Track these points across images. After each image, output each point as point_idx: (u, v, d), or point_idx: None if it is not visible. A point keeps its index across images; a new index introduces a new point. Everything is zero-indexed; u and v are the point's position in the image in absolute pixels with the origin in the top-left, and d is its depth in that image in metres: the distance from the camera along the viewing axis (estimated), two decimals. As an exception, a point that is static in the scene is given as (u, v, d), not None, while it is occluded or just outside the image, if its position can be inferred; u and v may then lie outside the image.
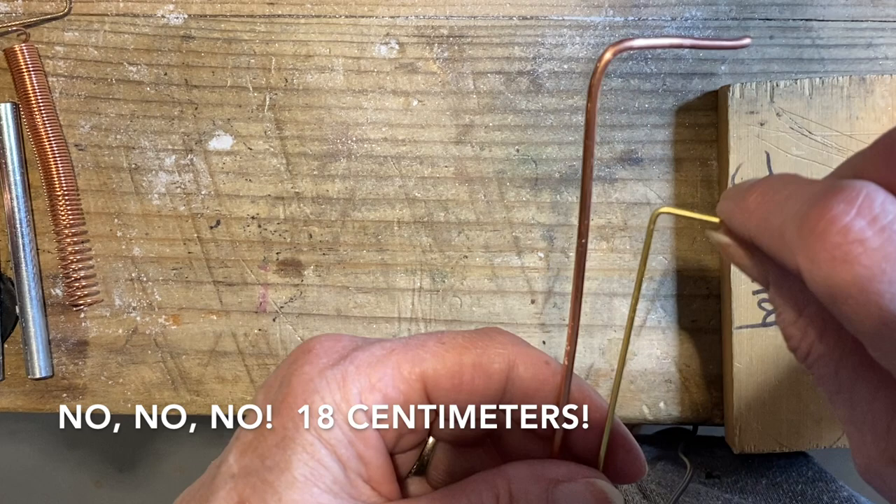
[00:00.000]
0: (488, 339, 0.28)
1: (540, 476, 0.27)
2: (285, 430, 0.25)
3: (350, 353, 0.26)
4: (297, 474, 0.25)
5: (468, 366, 0.27)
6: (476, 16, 0.44)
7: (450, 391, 0.27)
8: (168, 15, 0.45)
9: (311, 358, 0.26)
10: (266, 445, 0.25)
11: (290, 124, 0.45)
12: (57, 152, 0.44)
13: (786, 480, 0.44)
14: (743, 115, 0.41)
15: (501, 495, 0.26)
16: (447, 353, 0.27)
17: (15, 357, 0.46)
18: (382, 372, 0.26)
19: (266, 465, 0.25)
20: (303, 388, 0.25)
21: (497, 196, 0.45)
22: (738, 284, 0.42)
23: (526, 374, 0.27)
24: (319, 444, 0.25)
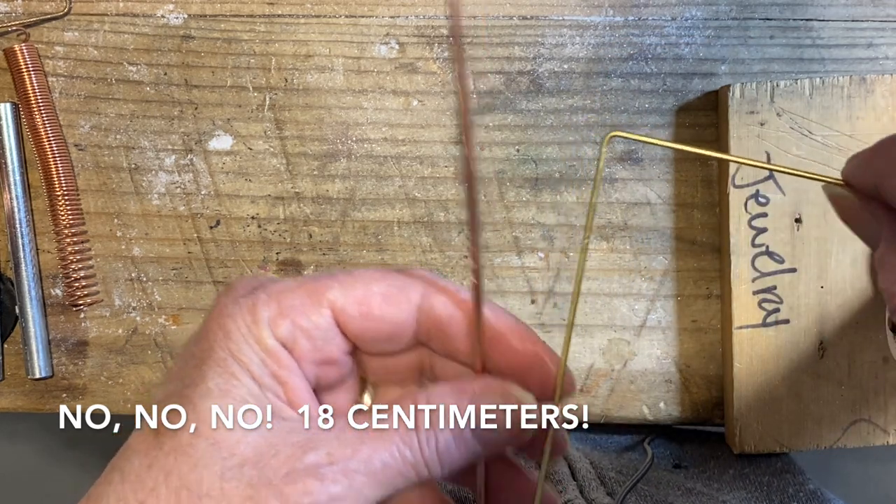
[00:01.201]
0: (399, 272, 0.29)
1: (459, 391, 0.28)
2: (202, 352, 0.26)
3: (263, 284, 0.28)
4: (211, 385, 0.26)
5: (377, 294, 0.28)
6: (476, 16, 0.44)
7: (359, 319, 0.28)
8: (168, 15, 0.45)
9: (228, 291, 0.28)
10: (185, 370, 0.27)
11: (290, 124, 0.45)
12: (57, 152, 0.44)
13: (753, 471, 0.44)
14: (743, 115, 0.41)
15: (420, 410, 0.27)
16: (356, 283, 0.28)
17: (15, 357, 0.46)
18: (291, 299, 0.27)
19: (184, 384, 0.26)
20: (217, 314, 0.27)
21: (497, 196, 0.45)
22: (738, 284, 0.41)
23: (437, 304, 0.28)
24: (231, 360, 0.26)
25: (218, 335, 0.27)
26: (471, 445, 0.28)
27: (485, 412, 0.28)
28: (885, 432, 0.42)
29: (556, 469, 0.40)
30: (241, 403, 0.26)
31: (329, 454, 0.26)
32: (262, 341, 0.27)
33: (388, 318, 0.28)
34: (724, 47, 0.44)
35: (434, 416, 0.27)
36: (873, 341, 0.42)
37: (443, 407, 0.27)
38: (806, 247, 0.41)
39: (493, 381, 0.29)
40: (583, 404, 0.45)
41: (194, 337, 0.28)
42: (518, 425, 0.28)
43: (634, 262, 0.45)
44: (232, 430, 0.25)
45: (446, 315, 0.29)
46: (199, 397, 0.26)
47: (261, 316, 0.27)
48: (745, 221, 0.41)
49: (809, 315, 0.42)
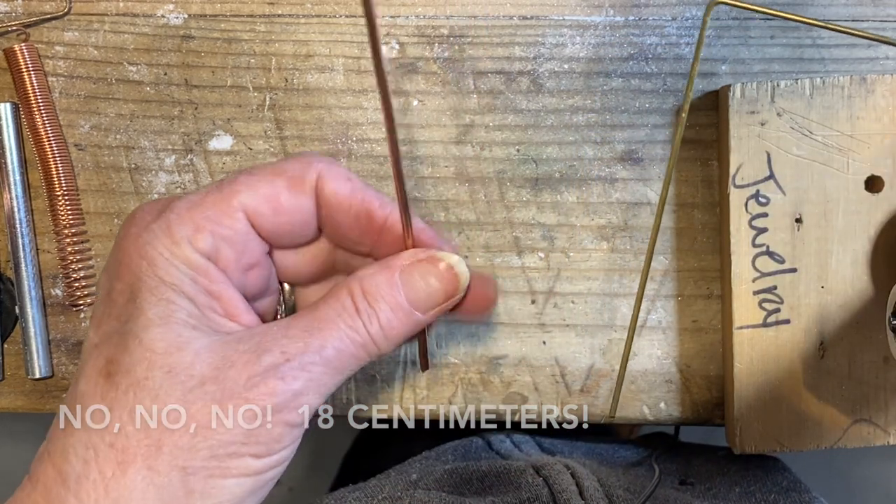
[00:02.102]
0: (295, 160, 0.29)
1: (385, 267, 0.29)
2: (129, 286, 0.26)
3: (168, 205, 0.28)
4: (151, 315, 0.26)
5: (282, 188, 0.29)
6: (476, 16, 0.44)
7: (271, 215, 0.28)
8: (168, 15, 0.45)
9: (134, 221, 0.28)
10: (117, 308, 0.26)
11: (290, 124, 0.45)
12: (57, 152, 0.44)
13: (759, 489, 0.44)
14: (743, 114, 0.41)
15: (356, 293, 0.28)
16: (260, 182, 0.28)
17: (15, 357, 0.46)
18: (204, 213, 0.27)
19: (122, 321, 0.26)
20: (133, 244, 0.27)
21: (497, 196, 0.45)
22: (738, 284, 0.41)
23: (331, 187, 0.29)
24: (164, 286, 0.26)
25: (142, 265, 0.26)
26: (410, 315, 0.29)
27: (417, 277, 0.29)
28: (886, 432, 0.42)
29: (565, 487, 0.40)
30: (185, 324, 0.26)
31: (283, 352, 0.26)
32: (187, 259, 0.27)
33: (296, 210, 0.29)
34: (725, 47, 0.44)
35: (370, 295, 0.28)
36: (873, 341, 0.42)
37: (376, 283, 0.29)
38: (806, 247, 0.41)
39: (417, 251, 0.30)
40: (583, 404, 0.45)
41: (111, 273, 0.27)
42: (450, 283, 0.30)
43: (634, 262, 0.45)
44: (184, 354, 0.26)
45: (336, 201, 0.30)
46: (143, 329, 0.25)
47: (178, 235, 0.27)
48: (745, 221, 0.41)
49: (810, 315, 0.42)
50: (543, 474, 0.41)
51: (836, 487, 1.08)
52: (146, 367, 0.25)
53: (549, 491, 0.40)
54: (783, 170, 0.41)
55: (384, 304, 0.28)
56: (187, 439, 0.25)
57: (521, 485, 0.40)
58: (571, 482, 0.40)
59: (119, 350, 0.26)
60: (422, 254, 0.30)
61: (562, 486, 0.40)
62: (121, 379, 0.25)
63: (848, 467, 1.08)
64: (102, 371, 0.26)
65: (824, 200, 0.41)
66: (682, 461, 0.49)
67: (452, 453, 0.48)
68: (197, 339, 0.26)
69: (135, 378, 0.25)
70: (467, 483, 0.43)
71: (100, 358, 0.26)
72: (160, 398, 0.25)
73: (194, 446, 0.25)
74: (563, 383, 0.45)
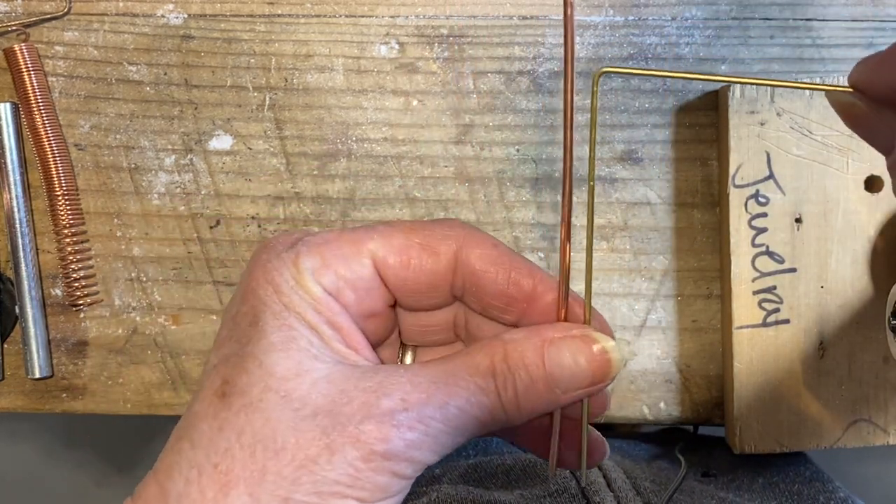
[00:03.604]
0: (437, 223, 0.29)
1: (534, 335, 0.27)
2: (254, 309, 0.26)
3: (302, 238, 0.28)
4: (273, 339, 0.25)
5: (416, 245, 0.28)
6: (476, 15, 0.44)
7: (399, 269, 0.28)
8: (168, 15, 0.45)
9: (266, 248, 0.28)
10: (240, 330, 0.26)
11: (290, 124, 0.45)
12: (56, 152, 0.44)
13: (782, 480, 0.44)
14: (743, 114, 0.41)
15: (496, 355, 0.27)
16: (394, 233, 0.28)
17: (15, 357, 0.46)
18: (333, 251, 0.27)
19: (242, 343, 0.26)
20: (262, 270, 0.27)
21: (497, 196, 0.45)
22: (738, 284, 0.41)
23: (474, 254, 0.28)
24: (287, 312, 0.26)
25: (267, 290, 0.26)
26: (551, 391, 0.27)
27: (566, 353, 0.27)
28: (885, 432, 0.42)
29: (592, 479, 0.39)
30: (306, 353, 0.25)
31: (403, 400, 0.25)
32: (310, 291, 0.26)
33: (426, 268, 0.28)
34: (725, 47, 0.44)
35: (511, 360, 0.26)
36: (873, 341, 0.42)
37: (521, 349, 0.27)
38: (806, 247, 0.41)
39: (569, 326, 0.28)
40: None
41: (238, 297, 0.27)
42: (599, 368, 0.27)
43: (634, 262, 0.45)
44: (301, 381, 0.25)
45: (481, 267, 0.28)
46: (263, 352, 0.25)
47: (304, 267, 0.26)
48: (745, 221, 0.41)
49: (809, 315, 0.42)
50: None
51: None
52: (262, 388, 0.25)
53: (576, 483, 0.39)
54: (783, 170, 0.41)
55: (524, 371, 0.26)
56: (292, 470, 0.24)
57: (548, 477, 0.40)
58: (598, 474, 0.40)
59: (237, 371, 0.25)
60: (575, 329, 0.28)
61: (589, 477, 0.39)
62: (235, 399, 0.25)
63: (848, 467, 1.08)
64: (217, 391, 0.25)
65: (824, 200, 0.41)
66: (704, 453, 0.49)
67: (473, 448, 0.48)
68: (318, 368, 0.25)
69: (248, 399, 0.25)
70: (492, 477, 0.43)
71: (216, 378, 0.26)
72: (271, 422, 0.24)
73: (298, 479, 0.24)
74: (563, 383, 0.45)
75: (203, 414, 0.25)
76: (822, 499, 0.42)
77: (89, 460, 1.20)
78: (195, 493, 0.24)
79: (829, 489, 0.43)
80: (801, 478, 0.44)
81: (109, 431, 1.19)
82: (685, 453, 0.45)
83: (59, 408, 0.46)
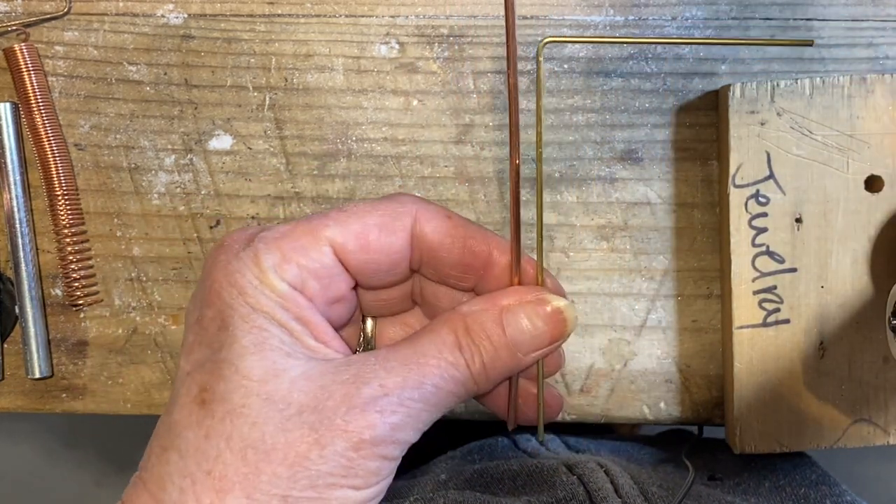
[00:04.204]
0: (389, 201, 0.29)
1: (491, 305, 0.28)
2: (221, 314, 0.26)
3: (258, 234, 0.28)
4: (246, 342, 0.26)
5: (372, 226, 0.28)
6: (476, 15, 0.44)
7: (359, 252, 0.28)
8: (168, 14, 0.45)
9: (223, 248, 0.28)
10: (208, 336, 0.26)
11: (290, 124, 0.45)
12: (56, 152, 0.44)
13: (789, 483, 0.44)
14: (743, 114, 0.41)
15: (459, 329, 0.28)
16: (349, 218, 0.28)
17: (15, 357, 0.46)
18: (291, 243, 0.27)
19: (215, 348, 0.26)
20: (223, 272, 0.27)
21: (497, 196, 0.45)
22: (738, 284, 0.41)
23: (428, 227, 0.29)
24: (255, 313, 0.26)
25: (232, 293, 0.26)
26: (514, 355, 0.28)
27: (524, 318, 0.28)
28: (886, 432, 0.42)
29: (600, 485, 0.39)
30: (279, 352, 0.26)
31: (381, 385, 0.26)
32: (275, 289, 0.26)
33: (385, 249, 0.28)
34: (725, 47, 0.44)
35: (473, 332, 0.28)
36: (873, 341, 0.42)
37: (480, 320, 0.28)
38: (806, 247, 0.41)
39: (524, 289, 0.29)
40: (582, 404, 0.45)
41: (200, 301, 0.27)
42: (556, 328, 0.29)
43: (634, 262, 0.45)
44: (280, 381, 0.25)
45: (437, 240, 0.29)
46: (237, 357, 0.25)
47: (266, 265, 0.27)
48: (745, 221, 0.41)
49: (809, 315, 0.42)
50: (577, 472, 0.41)
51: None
52: (243, 394, 0.25)
53: (584, 489, 0.39)
54: (783, 169, 0.41)
55: (488, 342, 0.28)
56: (285, 468, 0.24)
57: (556, 483, 0.40)
58: (606, 480, 0.40)
59: (214, 378, 0.25)
60: (529, 293, 0.29)
61: (597, 484, 0.40)
62: (216, 406, 0.25)
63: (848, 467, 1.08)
64: (197, 399, 0.25)
65: (824, 200, 0.41)
66: (709, 457, 0.49)
67: (479, 453, 0.48)
68: (293, 366, 0.26)
69: (231, 405, 0.25)
70: (498, 482, 0.43)
71: (193, 386, 0.26)
72: (258, 425, 0.25)
73: (293, 475, 0.25)
74: (563, 383, 0.45)
75: (185, 423, 0.25)
76: (829, 502, 0.42)
77: (89, 460, 1.20)
78: (191, 501, 0.24)
79: (835, 492, 0.43)
80: (808, 481, 0.44)
81: (109, 431, 1.19)
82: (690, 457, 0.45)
83: (59, 408, 0.46)
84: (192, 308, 0.28)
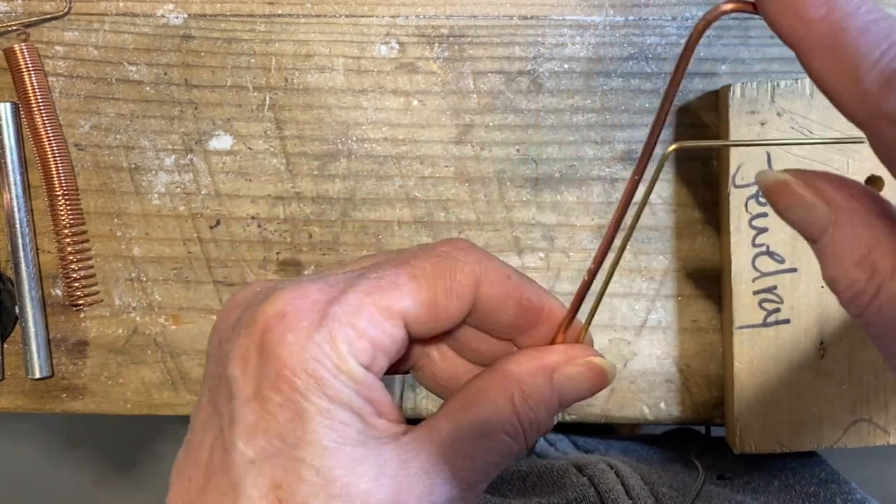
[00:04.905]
0: (454, 262, 0.28)
1: (542, 367, 0.28)
2: (294, 403, 0.25)
3: (328, 310, 0.26)
4: (327, 443, 0.25)
5: (442, 296, 0.27)
6: (476, 15, 0.44)
7: (429, 322, 0.28)
8: (168, 15, 0.45)
9: (289, 324, 0.25)
10: (279, 423, 0.25)
11: (290, 124, 0.45)
12: (57, 152, 0.44)
13: (798, 482, 0.44)
14: (744, 114, 0.41)
15: (516, 397, 0.28)
16: (422, 289, 0.27)
17: (15, 357, 0.46)
18: (367, 321, 0.26)
19: (288, 442, 0.25)
20: (297, 358, 0.25)
21: (497, 196, 0.45)
22: (738, 284, 0.41)
23: (491, 291, 0.28)
24: (336, 407, 0.25)
25: (308, 382, 0.25)
26: (556, 411, 0.29)
27: (572, 382, 0.28)
28: (886, 432, 0.42)
29: (611, 486, 0.39)
30: (355, 443, 0.25)
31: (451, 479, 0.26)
32: (354, 376, 0.25)
33: (451, 315, 0.28)
34: (725, 47, 0.44)
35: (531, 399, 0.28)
36: (873, 341, 0.42)
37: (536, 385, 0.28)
38: (806, 247, 0.41)
39: (569, 348, 0.29)
40: (583, 404, 0.45)
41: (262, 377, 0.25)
42: (597, 387, 0.29)
43: (634, 262, 0.45)
44: (359, 479, 0.25)
45: (497, 303, 0.29)
46: (317, 457, 0.24)
47: (343, 351, 0.25)
48: (745, 221, 0.41)
49: (810, 315, 0.42)
50: (587, 473, 0.41)
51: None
52: (324, 498, 0.24)
53: (595, 491, 0.39)
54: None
55: (544, 408, 0.28)
56: None
57: (566, 485, 0.40)
58: (616, 481, 0.40)
59: (290, 476, 0.24)
60: (577, 352, 0.29)
61: (608, 485, 0.39)
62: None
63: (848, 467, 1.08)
64: (269, 496, 0.24)
65: (824, 200, 0.41)
66: (718, 456, 0.49)
67: None
68: (367, 458, 0.25)
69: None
70: (508, 483, 0.43)
71: (261, 479, 0.24)
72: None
73: None
74: (563, 383, 0.45)
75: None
76: (839, 500, 0.42)
77: (89, 460, 1.20)
78: None
79: (845, 490, 0.43)
80: (817, 479, 0.44)
81: (109, 431, 1.19)
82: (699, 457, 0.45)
83: (59, 408, 0.46)
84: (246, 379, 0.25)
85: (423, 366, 0.31)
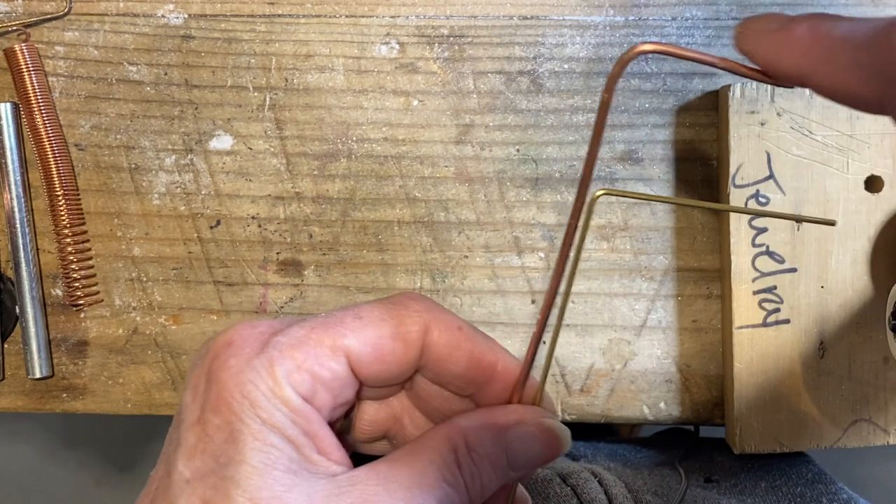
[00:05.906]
0: (403, 308, 0.28)
1: (492, 424, 0.28)
2: (229, 424, 0.25)
3: (271, 339, 0.27)
4: (256, 463, 0.25)
5: (387, 337, 0.28)
6: (476, 15, 0.44)
7: (373, 363, 0.28)
8: (168, 15, 0.45)
9: (233, 350, 0.26)
10: (214, 444, 0.26)
11: (290, 124, 0.45)
12: (57, 152, 0.44)
13: (785, 483, 0.44)
14: (743, 114, 0.41)
15: (459, 448, 0.28)
16: (366, 328, 0.28)
17: (15, 357, 0.46)
18: (306, 353, 0.26)
19: (220, 462, 0.25)
20: (234, 380, 0.26)
21: (497, 196, 0.45)
22: (738, 284, 0.42)
23: (440, 339, 0.29)
24: (267, 430, 0.25)
25: (243, 404, 0.26)
26: (508, 474, 0.28)
27: (523, 442, 0.28)
28: (886, 432, 0.42)
29: (594, 497, 0.39)
30: (286, 471, 0.25)
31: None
32: (288, 402, 0.26)
33: (398, 359, 0.28)
34: (725, 47, 0.44)
35: (475, 452, 0.28)
36: (873, 341, 0.42)
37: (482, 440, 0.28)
38: (806, 247, 0.41)
39: (523, 410, 0.29)
40: (582, 404, 0.45)
41: (205, 401, 0.26)
42: (551, 451, 0.29)
43: (634, 262, 0.45)
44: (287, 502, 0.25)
45: (446, 352, 0.29)
46: (245, 478, 0.25)
47: (280, 376, 0.26)
48: (745, 221, 0.41)
49: (810, 315, 0.42)
50: (571, 483, 0.41)
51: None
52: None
53: (578, 501, 0.39)
54: (783, 170, 0.41)
55: (488, 464, 0.28)
56: None
57: (549, 495, 0.40)
58: (600, 490, 0.40)
59: (218, 495, 0.25)
60: (529, 414, 0.29)
61: (591, 495, 0.39)
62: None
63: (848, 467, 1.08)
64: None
65: (824, 200, 0.41)
66: (706, 458, 0.49)
67: None
68: (297, 486, 0.25)
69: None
70: None
71: (193, 497, 0.25)
72: None
73: None
74: (563, 383, 0.45)
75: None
76: (825, 500, 0.42)
77: (89, 460, 1.20)
78: None
79: (831, 490, 0.43)
80: (804, 479, 0.44)
81: (109, 431, 1.19)
82: (686, 460, 0.45)
83: (59, 408, 0.46)
84: (190, 402, 0.27)
85: (396, 434, 0.31)
